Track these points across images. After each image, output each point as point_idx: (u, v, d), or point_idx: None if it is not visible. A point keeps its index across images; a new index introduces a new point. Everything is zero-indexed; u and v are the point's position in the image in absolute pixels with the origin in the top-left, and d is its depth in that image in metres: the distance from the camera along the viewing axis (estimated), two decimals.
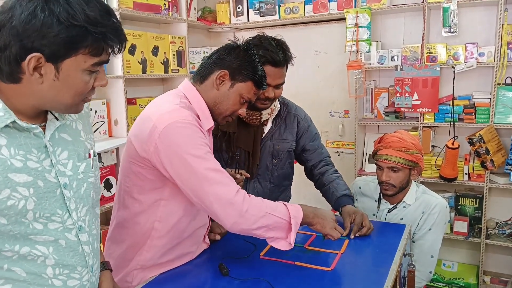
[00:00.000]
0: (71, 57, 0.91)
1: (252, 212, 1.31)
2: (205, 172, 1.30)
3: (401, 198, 2.09)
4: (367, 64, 3.23)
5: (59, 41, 0.88)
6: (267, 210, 1.34)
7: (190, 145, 1.31)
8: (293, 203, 1.46)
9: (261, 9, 3.55)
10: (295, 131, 2.02)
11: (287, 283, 1.39)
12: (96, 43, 0.92)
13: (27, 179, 0.94)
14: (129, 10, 2.77)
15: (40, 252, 0.98)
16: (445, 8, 2.94)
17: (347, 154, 3.58)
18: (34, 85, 0.92)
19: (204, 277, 1.47)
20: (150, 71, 2.99)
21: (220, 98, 1.47)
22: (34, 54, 0.87)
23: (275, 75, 1.77)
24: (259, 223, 1.32)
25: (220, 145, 1.88)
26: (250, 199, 1.33)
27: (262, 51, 1.74)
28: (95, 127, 2.57)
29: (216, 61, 1.48)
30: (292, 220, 1.38)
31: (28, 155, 0.95)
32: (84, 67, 0.94)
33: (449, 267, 3.29)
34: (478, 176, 3.00)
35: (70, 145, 1.06)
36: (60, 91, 0.94)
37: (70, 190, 1.03)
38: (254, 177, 1.94)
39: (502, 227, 3.06)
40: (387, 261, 1.52)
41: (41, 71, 0.90)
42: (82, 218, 1.07)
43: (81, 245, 1.06)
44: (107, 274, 1.23)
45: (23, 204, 0.93)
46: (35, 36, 0.87)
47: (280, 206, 1.40)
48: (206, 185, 1.30)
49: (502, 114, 2.90)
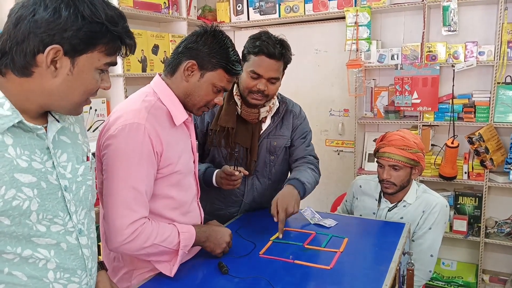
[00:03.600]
0: (88, 53, 0.94)
1: (138, 242, 1.30)
2: (121, 187, 1.29)
3: (402, 197, 2.09)
4: (367, 63, 3.23)
5: (80, 35, 0.91)
6: (156, 241, 1.33)
7: (127, 152, 1.29)
8: (187, 225, 1.46)
9: (261, 8, 3.55)
10: (290, 127, 2.02)
11: (286, 282, 1.39)
12: (113, 41, 0.97)
13: (31, 179, 0.94)
14: (129, 8, 2.77)
15: (42, 256, 0.98)
16: (445, 7, 2.94)
17: (347, 153, 3.59)
18: (46, 79, 0.93)
19: (204, 276, 1.47)
20: (150, 69, 2.99)
21: (190, 89, 1.42)
22: (54, 45, 0.90)
23: (268, 67, 1.76)
24: (144, 251, 1.33)
25: (219, 140, 1.88)
26: (143, 229, 1.31)
27: (259, 42, 1.75)
28: (95, 125, 2.58)
29: (183, 50, 1.42)
30: (180, 250, 1.40)
31: (32, 156, 0.95)
32: (97, 65, 0.97)
33: (448, 266, 3.29)
34: (478, 175, 3.00)
35: (69, 147, 1.06)
36: (71, 87, 0.96)
37: (70, 192, 1.03)
38: (252, 173, 1.95)
39: (501, 226, 3.06)
40: (387, 259, 1.53)
41: (57, 64, 0.92)
42: (82, 221, 1.07)
43: (81, 249, 1.06)
44: (103, 274, 1.23)
45: (28, 205, 0.93)
46: (57, 30, 0.89)
47: (172, 234, 1.38)
48: (114, 200, 1.29)
49: (502, 113, 2.90)
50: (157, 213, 1.41)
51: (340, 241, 1.69)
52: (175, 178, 1.43)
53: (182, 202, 1.49)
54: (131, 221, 1.28)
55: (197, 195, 1.61)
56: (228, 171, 1.77)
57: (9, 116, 0.90)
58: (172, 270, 1.41)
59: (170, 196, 1.43)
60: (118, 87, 2.74)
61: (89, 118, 2.54)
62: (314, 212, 1.96)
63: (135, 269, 1.47)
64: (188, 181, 1.52)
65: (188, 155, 1.51)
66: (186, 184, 1.50)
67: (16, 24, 0.90)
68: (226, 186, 1.80)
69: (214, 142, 1.90)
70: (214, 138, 1.89)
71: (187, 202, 1.51)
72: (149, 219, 1.35)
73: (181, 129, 1.48)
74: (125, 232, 1.28)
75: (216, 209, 2.00)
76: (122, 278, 1.47)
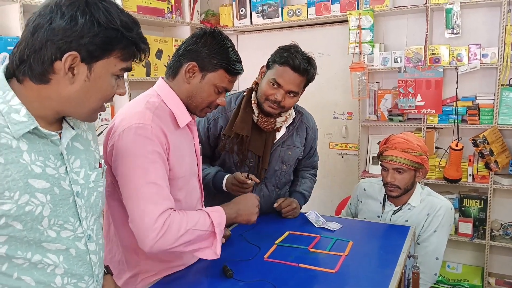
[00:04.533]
0: (104, 59, 0.96)
1: (172, 232, 1.27)
2: (140, 184, 1.27)
3: (406, 200, 2.08)
4: (370, 66, 3.24)
5: (97, 41, 0.93)
6: (188, 226, 1.30)
7: (139, 152, 1.29)
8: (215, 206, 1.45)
9: (264, 12, 3.56)
10: (304, 140, 2.05)
11: (291, 285, 1.39)
12: (128, 47, 0.98)
13: (45, 185, 0.95)
14: (133, 13, 2.77)
15: (51, 261, 0.99)
16: (448, 10, 2.94)
17: (351, 156, 3.58)
18: (63, 86, 0.94)
19: (208, 279, 1.47)
20: (154, 74, 3.01)
21: (193, 91, 1.42)
22: (71, 52, 0.91)
23: (290, 79, 1.77)
24: (181, 240, 1.29)
25: (232, 147, 1.89)
26: (172, 218, 1.28)
27: (287, 53, 1.77)
28: (99, 130, 2.59)
29: (184, 53, 1.42)
30: (216, 229, 1.36)
31: (46, 162, 0.96)
32: (114, 71, 0.98)
33: (454, 269, 3.28)
34: (482, 177, 2.99)
35: (82, 154, 1.07)
36: (88, 93, 0.97)
37: (81, 198, 1.04)
38: (261, 181, 1.95)
39: (506, 229, 3.05)
40: (392, 263, 1.53)
41: (74, 71, 0.94)
42: (91, 227, 1.08)
43: (89, 255, 1.07)
44: (108, 278, 1.23)
45: (40, 211, 0.94)
46: (74, 37, 0.91)
47: (202, 217, 1.36)
48: (135, 199, 1.28)
49: (506, 115, 2.89)
50: None
51: (345, 245, 1.68)
52: (181, 181, 1.44)
53: (188, 204, 1.49)
54: (158, 214, 1.26)
55: (201, 198, 1.62)
56: (241, 179, 1.77)
57: (24, 123, 0.91)
58: (217, 251, 1.38)
59: (177, 199, 1.43)
60: None
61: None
62: (318, 216, 1.96)
63: (140, 273, 1.47)
64: (193, 184, 1.53)
65: (192, 158, 1.52)
66: (191, 187, 1.51)
67: (33, 32, 0.91)
68: (236, 193, 1.80)
69: (227, 148, 1.90)
70: (227, 143, 1.89)
71: (192, 204, 1.52)
72: (175, 210, 1.33)
73: (185, 132, 1.49)
74: (155, 227, 1.25)
75: None
76: (127, 282, 1.47)
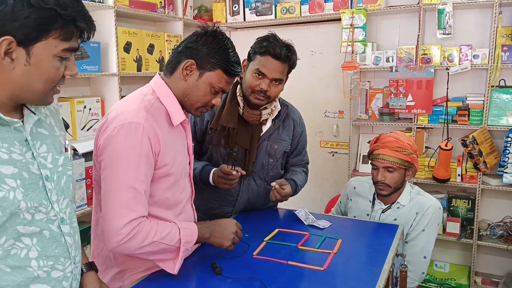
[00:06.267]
0: (42, 41, 0.93)
1: (137, 240, 1.28)
2: (119, 187, 1.28)
3: (395, 199, 2.10)
4: (362, 65, 3.24)
5: (30, 23, 0.90)
6: (155, 238, 1.31)
7: (126, 152, 1.29)
8: (190, 222, 1.46)
9: (257, 9, 3.56)
10: (291, 134, 2.04)
11: (280, 283, 1.39)
12: (66, 26, 0.94)
13: (13, 170, 0.95)
14: (125, 7, 2.76)
15: (23, 244, 0.99)
16: (440, 10, 2.96)
17: (341, 154, 3.59)
18: (7, 72, 0.93)
19: (197, 276, 1.47)
20: (146, 69, 2.98)
21: (189, 89, 1.42)
22: (5, 37, 0.88)
23: (273, 67, 1.78)
24: (143, 249, 1.31)
25: (218, 140, 1.88)
26: (141, 227, 1.29)
27: (266, 42, 1.78)
28: (89, 124, 2.56)
29: (183, 50, 1.41)
30: (182, 246, 1.37)
31: (11, 148, 0.96)
32: (55, 52, 0.95)
33: (441, 268, 3.31)
34: (471, 177, 3.02)
35: (48, 139, 1.07)
36: (32, 77, 0.95)
37: (51, 182, 1.04)
38: (249, 174, 1.95)
39: (494, 229, 3.08)
40: (380, 261, 1.53)
41: (13, 56, 0.91)
42: (63, 210, 1.08)
43: (64, 236, 1.07)
44: (92, 274, 1.23)
45: (13, 195, 0.94)
46: (6, 20, 0.88)
47: (172, 231, 1.36)
48: (111, 199, 1.28)
49: (496, 116, 2.91)
50: (152, 214, 1.40)
51: (333, 242, 1.69)
52: (171, 180, 1.43)
53: (177, 203, 1.48)
54: (129, 220, 1.27)
55: (191, 197, 1.61)
56: (226, 170, 1.78)
57: None
58: (175, 267, 1.39)
59: (165, 197, 1.43)
60: (113, 86, 2.72)
61: (83, 117, 2.52)
62: (308, 213, 1.96)
63: (128, 269, 1.46)
64: (183, 182, 1.52)
65: (184, 157, 1.51)
66: (181, 186, 1.50)
67: None
68: (223, 185, 1.81)
69: (213, 141, 1.90)
70: (214, 137, 1.89)
71: (181, 203, 1.51)
72: (147, 218, 1.34)
73: (178, 130, 1.48)
74: (122, 232, 1.26)
75: (210, 208, 2.00)
76: (114, 278, 1.46)
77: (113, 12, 2.64)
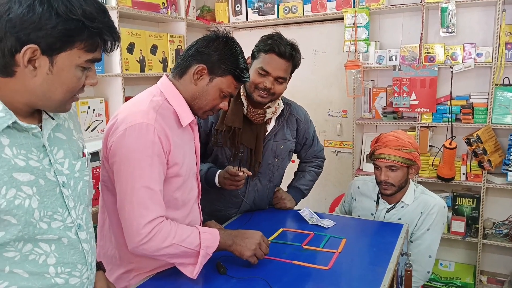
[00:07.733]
0: (66, 51, 0.92)
1: (156, 241, 1.29)
2: (135, 187, 1.28)
3: (400, 198, 2.09)
4: (365, 64, 3.24)
5: (56, 33, 0.88)
6: (174, 240, 1.31)
7: (139, 153, 1.29)
8: (212, 229, 1.44)
9: (260, 9, 3.55)
10: (295, 133, 2.05)
11: (284, 282, 1.39)
12: (92, 38, 0.93)
13: (30, 178, 0.94)
14: (128, 8, 2.77)
15: (42, 250, 0.98)
16: (443, 8, 2.95)
17: (345, 153, 3.59)
18: (27, 79, 0.92)
19: (202, 276, 1.46)
20: (149, 69, 2.99)
21: (198, 93, 1.43)
22: (30, 45, 0.88)
23: (277, 65, 1.78)
24: (163, 251, 1.31)
25: (224, 141, 1.89)
26: (160, 228, 1.30)
27: (271, 41, 1.79)
28: (93, 125, 2.57)
29: (194, 54, 1.43)
30: (201, 251, 1.36)
31: (29, 155, 0.95)
32: (78, 63, 0.94)
33: (446, 267, 3.29)
34: (476, 176, 3.01)
35: (65, 144, 1.06)
36: (52, 86, 0.94)
37: (68, 188, 1.04)
38: (255, 175, 1.95)
39: (499, 227, 3.07)
40: (385, 260, 1.53)
41: (36, 64, 0.90)
42: (80, 216, 1.07)
43: (81, 243, 1.07)
44: (100, 274, 1.23)
45: (29, 203, 0.93)
46: (32, 28, 0.87)
47: (192, 235, 1.36)
48: (129, 201, 1.29)
49: (500, 115, 2.90)
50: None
51: (338, 242, 1.69)
52: (180, 180, 1.43)
53: (185, 203, 1.48)
54: (148, 220, 1.28)
55: (198, 197, 1.61)
56: (232, 171, 1.77)
57: (3, 118, 0.90)
58: (194, 271, 1.38)
59: (174, 198, 1.43)
60: (117, 87, 2.73)
61: (87, 118, 2.53)
62: (312, 213, 1.96)
63: (133, 269, 1.46)
64: (191, 183, 1.52)
65: (192, 157, 1.52)
66: (189, 186, 1.50)
67: None
68: (229, 187, 1.80)
69: (219, 142, 1.90)
70: (219, 138, 1.89)
71: (189, 203, 1.51)
72: (167, 219, 1.34)
73: (187, 131, 1.49)
74: (142, 232, 1.27)
75: (215, 210, 2.00)
76: (120, 277, 1.47)
77: (116, 13, 2.65)
